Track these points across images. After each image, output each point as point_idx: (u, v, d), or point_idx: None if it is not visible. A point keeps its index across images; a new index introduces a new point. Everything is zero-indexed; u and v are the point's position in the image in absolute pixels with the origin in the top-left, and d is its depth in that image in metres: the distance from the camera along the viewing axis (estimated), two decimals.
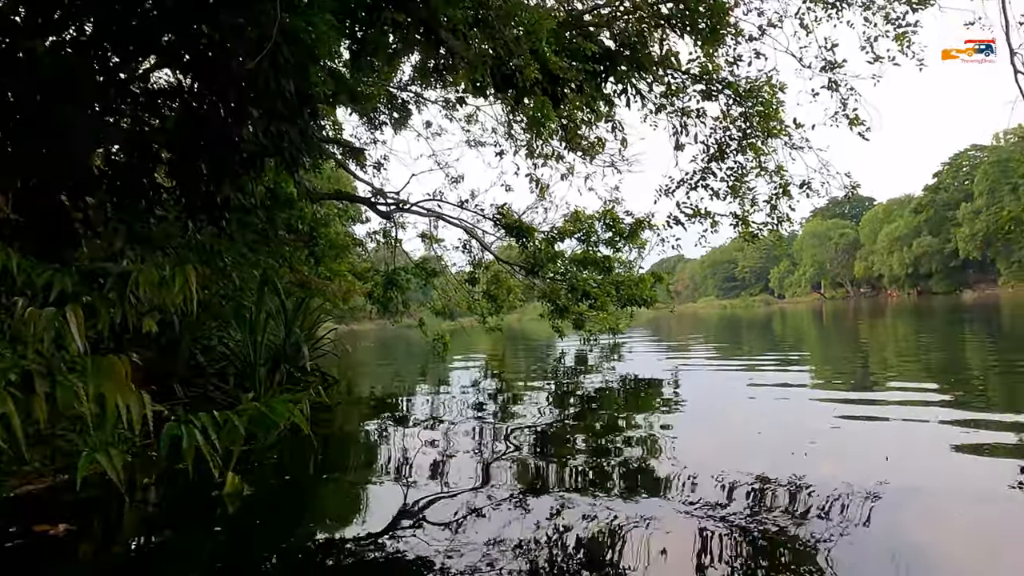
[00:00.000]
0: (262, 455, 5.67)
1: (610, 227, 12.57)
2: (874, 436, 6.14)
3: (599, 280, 13.08)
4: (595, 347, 17.44)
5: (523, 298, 17.73)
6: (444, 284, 17.76)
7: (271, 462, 5.72)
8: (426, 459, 5.64)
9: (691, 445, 5.98)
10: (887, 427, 6.43)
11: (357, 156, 14.41)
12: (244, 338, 7.16)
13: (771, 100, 8.56)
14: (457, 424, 7.29)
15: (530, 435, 6.73)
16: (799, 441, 5.61)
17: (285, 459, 5.87)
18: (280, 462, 5.77)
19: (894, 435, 6.10)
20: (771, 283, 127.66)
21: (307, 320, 10.03)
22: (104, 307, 5.02)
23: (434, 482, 4.86)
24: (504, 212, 12.81)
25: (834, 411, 7.18)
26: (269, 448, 5.86)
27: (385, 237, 17.26)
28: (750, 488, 4.34)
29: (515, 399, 9.44)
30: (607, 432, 6.82)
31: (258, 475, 4.99)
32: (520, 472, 5.21)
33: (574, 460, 5.63)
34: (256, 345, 7.11)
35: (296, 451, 5.94)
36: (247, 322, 7.23)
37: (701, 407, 8.39)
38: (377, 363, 20.52)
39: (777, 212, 9.06)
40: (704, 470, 4.78)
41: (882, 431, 6.30)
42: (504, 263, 14.96)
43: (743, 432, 6.61)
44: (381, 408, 9.34)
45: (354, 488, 5.08)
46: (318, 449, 5.85)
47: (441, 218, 13.91)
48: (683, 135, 9.59)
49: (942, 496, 4.24)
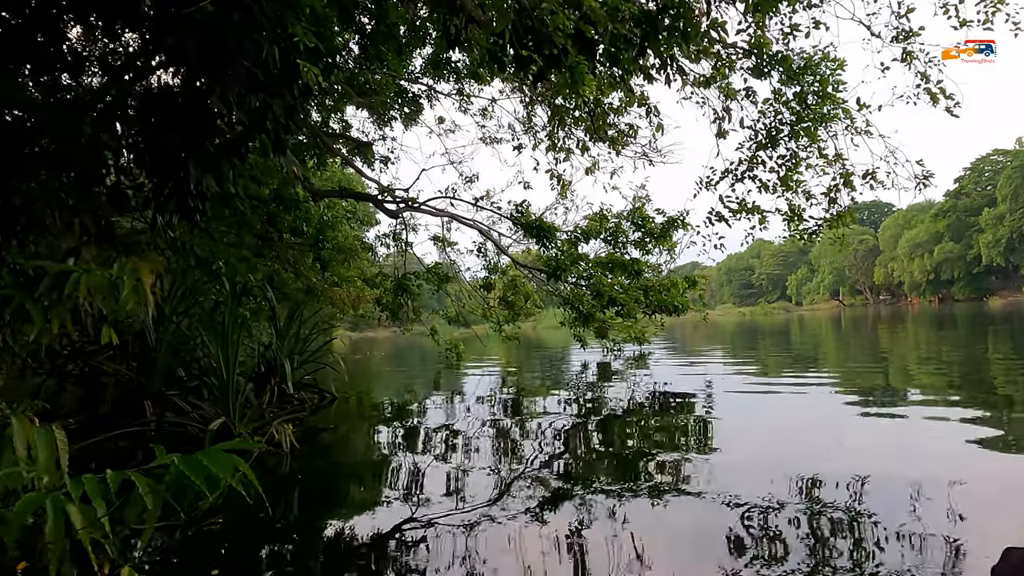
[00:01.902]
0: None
1: (639, 226, 11.48)
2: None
3: (626, 285, 11.99)
4: (619, 357, 16.30)
5: (541, 305, 16.66)
6: (458, 290, 16.74)
7: (213, 532, 4.35)
8: (428, 515, 4.52)
9: (740, 479, 5.07)
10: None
11: (364, 152, 13.42)
12: (215, 351, 6.12)
13: (831, 77, 7.47)
14: (469, 457, 6.23)
15: (558, 472, 5.73)
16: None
17: (228, 520, 4.48)
18: (221, 534, 4.35)
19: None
20: (789, 290, 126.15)
21: (303, 329, 9.00)
22: (38, 314, 4.04)
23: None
24: (523, 210, 11.73)
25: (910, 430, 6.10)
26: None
27: (395, 240, 16.28)
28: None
29: (535, 416, 8.38)
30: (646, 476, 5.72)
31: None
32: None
33: (604, 499, 4.74)
34: (228, 360, 6.05)
35: (248, 512, 4.45)
36: (219, 332, 6.17)
37: (748, 430, 7.47)
38: (389, 372, 19.52)
39: (837, 206, 7.93)
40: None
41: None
42: (522, 267, 13.89)
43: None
44: (384, 425, 8.45)
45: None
46: (282, 506, 4.79)
47: (454, 218, 12.86)
48: (726, 121, 8.51)
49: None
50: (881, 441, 6.51)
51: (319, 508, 4.84)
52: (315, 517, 4.60)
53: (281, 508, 4.73)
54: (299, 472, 5.70)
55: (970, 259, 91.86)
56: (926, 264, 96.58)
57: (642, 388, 11.01)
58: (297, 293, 17.07)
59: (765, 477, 4.99)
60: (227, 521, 4.34)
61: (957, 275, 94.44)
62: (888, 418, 7.72)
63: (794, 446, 6.57)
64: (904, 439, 6.55)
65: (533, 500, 4.78)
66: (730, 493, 4.62)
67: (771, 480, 4.89)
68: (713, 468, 5.50)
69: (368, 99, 12.85)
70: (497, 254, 14.75)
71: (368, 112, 14.38)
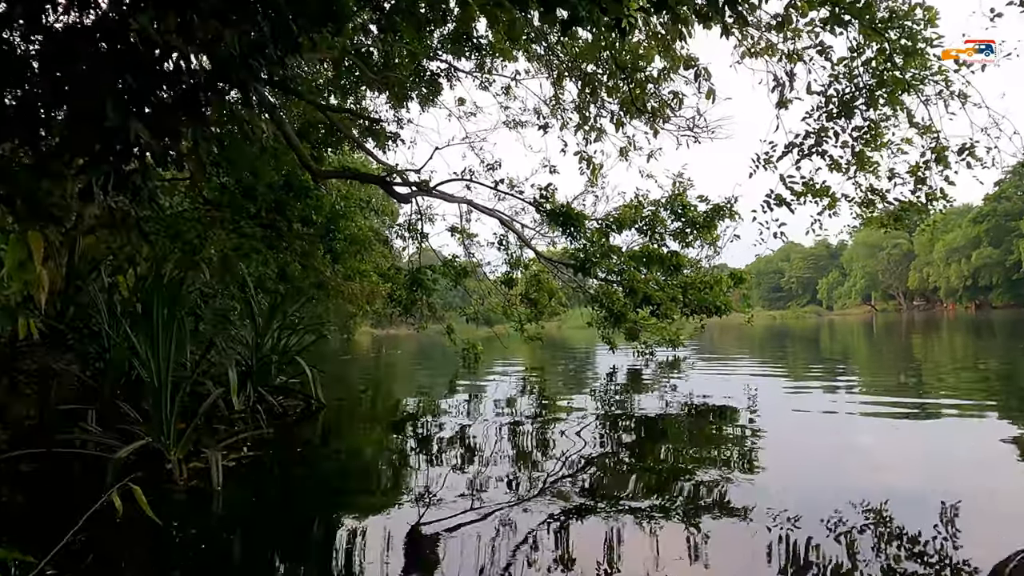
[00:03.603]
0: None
1: (679, 215, 10.21)
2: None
3: (662, 282, 10.72)
4: (650, 362, 15.00)
5: (566, 303, 15.44)
6: (477, 286, 15.59)
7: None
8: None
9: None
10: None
11: (376, 133, 12.32)
12: (143, 352, 4.90)
13: (923, 31, 6.18)
14: (472, 504, 4.89)
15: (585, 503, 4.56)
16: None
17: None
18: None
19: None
20: (819, 294, 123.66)
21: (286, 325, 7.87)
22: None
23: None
24: (547, 195, 10.50)
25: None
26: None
27: (410, 231, 15.18)
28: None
29: (558, 430, 7.16)
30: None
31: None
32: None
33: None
34: (159, 364, 4.82)
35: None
36: (151, 328, 4.93)
37: (798, 446, 6.50)
38: (403, 373, 18.42)
39: (927, 187, 6.62)
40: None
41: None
42: (547, 261, 12.65)
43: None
44: (370, 446, 7.10)
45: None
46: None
47: (473, 206, 11.67)
48: (789, 89, 7.25)
49: None
50: (954, 460, 5.66)
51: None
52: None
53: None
54: (197, 533, 4.13)
55: (1009, 265, 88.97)
56: (963, 269, 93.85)
57: (677, 396, 9.74)
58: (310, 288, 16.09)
59: (821, 500, 4.35)
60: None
61: (995, 281, 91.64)
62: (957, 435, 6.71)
63: (851, 463, 5.67)
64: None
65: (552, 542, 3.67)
66: (780, 520, 3.94)
67: (831, 506, 4.17)
68: (759, 489, 4.74)
69: (383, 76, 11.76)
70: (520, 247, 13.56)
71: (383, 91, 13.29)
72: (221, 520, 4.41)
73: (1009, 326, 34.31)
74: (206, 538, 4.04)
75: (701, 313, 11.01)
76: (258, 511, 4.65)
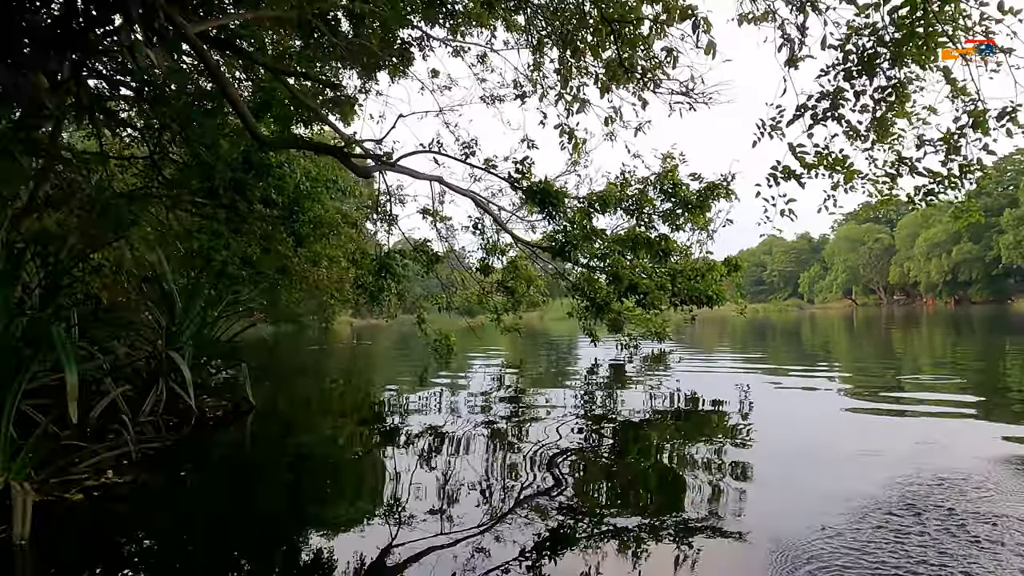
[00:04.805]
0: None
1: (670, 195, 9.23)
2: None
3: (650, 269, 9.76)
4: (634, 356, 14.07)
5: (547, 292, 14.45)
6: (451, 273, 14.56)
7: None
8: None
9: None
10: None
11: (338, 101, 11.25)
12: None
13: None
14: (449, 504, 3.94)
15: (558, 506, 3.92)
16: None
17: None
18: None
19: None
20: (801, 288, 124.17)
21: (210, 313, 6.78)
22: None
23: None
24: (524, 169, 9.46)
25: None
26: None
27: (378, 212, 14.12)
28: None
29: (535, 433, 6.19)
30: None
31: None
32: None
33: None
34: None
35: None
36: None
37: (795, 451, 5.77)
38: (371, 366, 17.37)
39: (960, 157, 5.69)
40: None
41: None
42: (525, 245, 11.63)
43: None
44: (299, 467, 5.51)
45: None
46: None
47: (443, 184, 10.61)
48: (799, 46, 6.31)
49: None
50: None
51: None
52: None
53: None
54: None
55: (988, 260, 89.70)
56: (943, 264, 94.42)
57: (662, 394, 8.82)
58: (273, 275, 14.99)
59: (821, 511, 3.88)
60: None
61: (975, 276, 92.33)
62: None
63: (854, 469, 5.12)
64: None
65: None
66: (778, 536, 3.50)
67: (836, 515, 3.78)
68: (753, 500, 4.23)
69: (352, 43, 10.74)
70: (496, 231, 12.56)
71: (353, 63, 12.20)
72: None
73: (988, 322, 34.09)
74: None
75: (691, 303, 10.08)
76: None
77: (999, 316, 41.94)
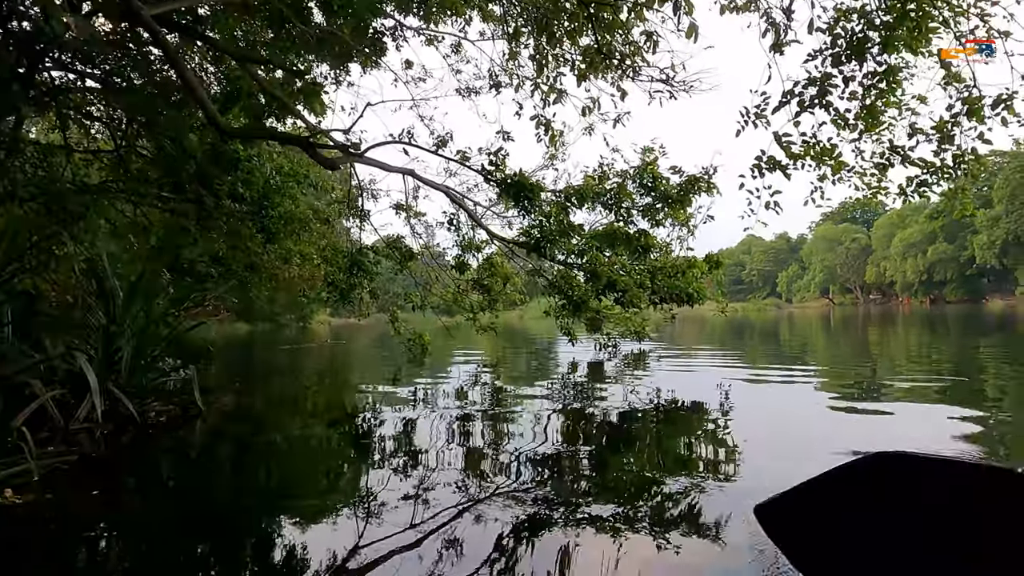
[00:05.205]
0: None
1: (649, 188, 8.91)
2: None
3: (629, 265, 9.44)
4: (614, 355, 13.74)
5: (524, 290, 14.10)
6: (426, 271, 14.14)
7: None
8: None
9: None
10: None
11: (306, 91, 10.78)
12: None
13: None
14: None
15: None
16: None
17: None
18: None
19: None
20: (779, 287, 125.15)
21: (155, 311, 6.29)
22: None
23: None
24: (498, 161, 9.08)
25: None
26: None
27: (349, 207, 13.68)
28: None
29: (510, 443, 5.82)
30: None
31: None
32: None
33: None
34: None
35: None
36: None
37: (777, 452, 5.43)
38: (345, 365, 16.89)
39: (953, 147, 5.40)
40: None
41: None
42: (500, 241, 11.26)
43: None
44: (236, 487, 4.76)
45: None
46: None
47: (415, 177, 10.21)
48: (785, 31, 6.00)
49: None
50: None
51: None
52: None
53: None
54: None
55: (963, 260, 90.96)
56: (919, 264, 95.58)
57: (642, 394, 8.50)
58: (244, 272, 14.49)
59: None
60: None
61: (950, 276, 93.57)
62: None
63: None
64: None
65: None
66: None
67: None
68: (736, 502, 3.96)
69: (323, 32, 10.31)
70: (472, 227, 12.17)
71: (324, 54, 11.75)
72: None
73: (963, 321, 34.26)
74: None
75: (672, 301, 9.78)
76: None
77: (973, 316, 42.31)
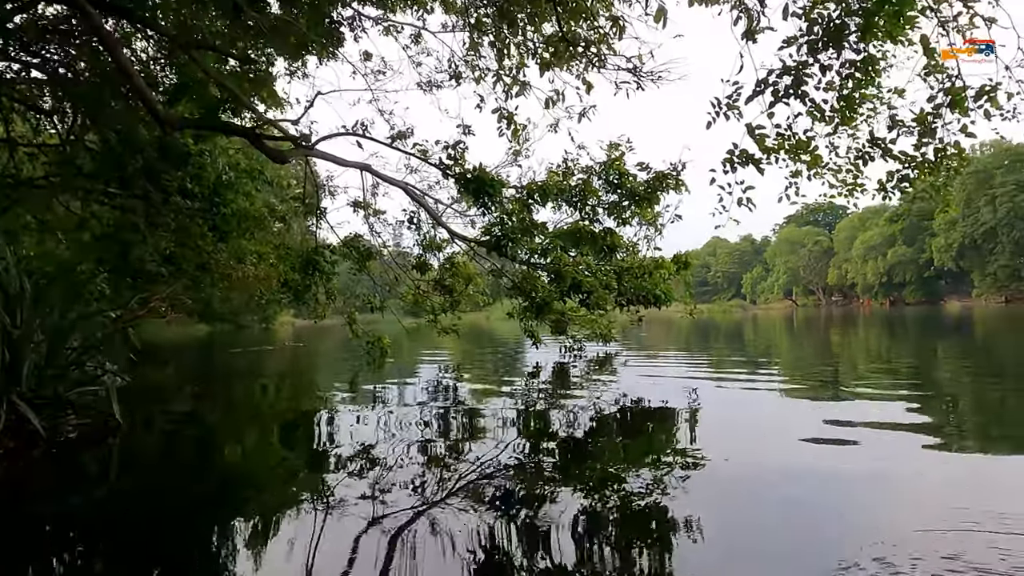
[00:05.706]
0: None
1: (615, 185, 8.54)
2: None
3: (594, 266, 9.06)
4: (579, 359, 13.35)
5: (487, 291, 13.65)
6: (384, 271, 13.63)
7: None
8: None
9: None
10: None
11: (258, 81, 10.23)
12: None
13: None
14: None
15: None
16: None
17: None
18: None
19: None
20: (744, 289, 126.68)
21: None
22: None
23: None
24: (457, 155, 8.63)
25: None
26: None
27: (304, 205, 13.12)
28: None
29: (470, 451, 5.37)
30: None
31: None
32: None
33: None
34: None
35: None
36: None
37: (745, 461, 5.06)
38: (302, 369, 16.26)
39: (935, 140, 5.11)
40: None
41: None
42: (462, 240, 10.80)
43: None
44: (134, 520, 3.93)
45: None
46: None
47: (371, 172, 9.70)
48: (758, 18, 5.67)
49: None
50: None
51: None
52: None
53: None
54: None
55: (922, 263, 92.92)
56: (879, 267, 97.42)
57: (608, 397, 8.14)
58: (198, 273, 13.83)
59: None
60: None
61: (909, 278, 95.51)
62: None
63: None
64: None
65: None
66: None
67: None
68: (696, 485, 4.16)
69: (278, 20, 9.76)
70: (433, 226, 11.70)
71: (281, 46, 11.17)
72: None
73: (921, 322, 34.84)
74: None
75: (638, 303, 9.44)
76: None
77: (931, 317, 42.99)
